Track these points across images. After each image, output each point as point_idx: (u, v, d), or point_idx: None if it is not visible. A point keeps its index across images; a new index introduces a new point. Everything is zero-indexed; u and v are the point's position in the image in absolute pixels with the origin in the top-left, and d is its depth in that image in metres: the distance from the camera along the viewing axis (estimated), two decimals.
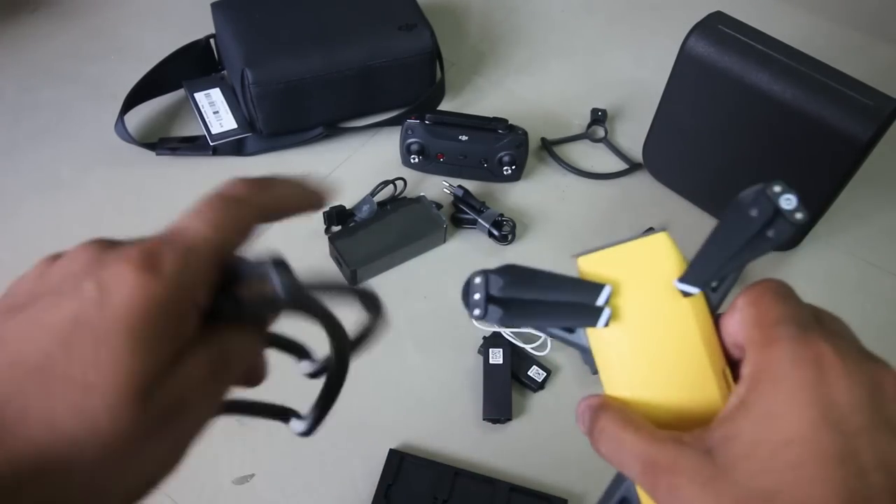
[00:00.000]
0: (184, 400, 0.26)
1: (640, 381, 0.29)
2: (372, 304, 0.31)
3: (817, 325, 0.27)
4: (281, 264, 0.27)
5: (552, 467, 0.74)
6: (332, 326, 0.29)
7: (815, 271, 0.91)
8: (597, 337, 0.30)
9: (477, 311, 0.30)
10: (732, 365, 0.29)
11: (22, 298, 0.26)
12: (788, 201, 0.28)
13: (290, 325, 0.31)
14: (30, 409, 0.23)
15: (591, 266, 0.30)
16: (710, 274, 0.29)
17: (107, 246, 0.27)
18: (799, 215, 0.28)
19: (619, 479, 0.32)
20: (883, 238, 0.95)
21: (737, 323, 0.28)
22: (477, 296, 0.30)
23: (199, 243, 0.27)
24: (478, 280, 0.30)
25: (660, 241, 0.30)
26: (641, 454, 0.27)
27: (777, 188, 0.28)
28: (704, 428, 0.27)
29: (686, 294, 0.29)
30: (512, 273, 0.30)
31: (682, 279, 0.29)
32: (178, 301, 0.25)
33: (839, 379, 0.25)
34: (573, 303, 0.29)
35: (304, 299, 0.27)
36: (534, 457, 0.75)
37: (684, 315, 0.29)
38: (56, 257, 0.27)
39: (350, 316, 0.32)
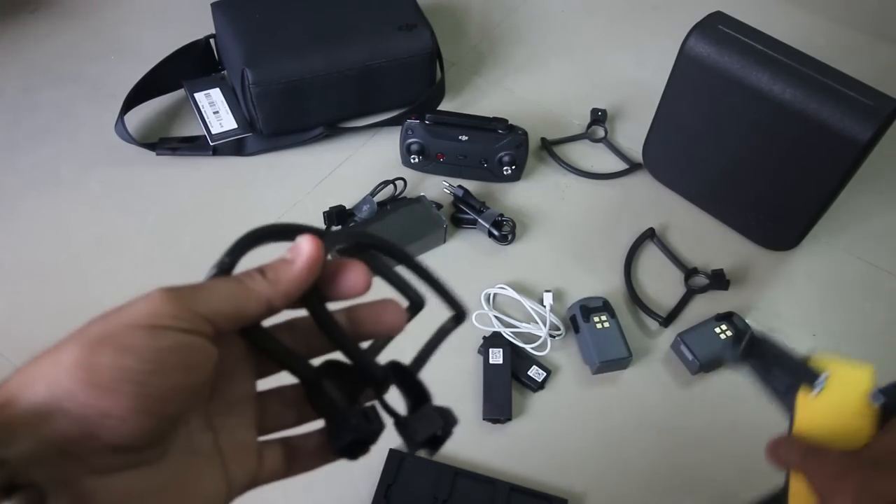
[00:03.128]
0: None
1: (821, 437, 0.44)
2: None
3: None
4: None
5: (552, 467, 0.73)
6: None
7: (815, 271, 0.91)
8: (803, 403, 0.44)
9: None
10: None
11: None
12: None
13: None
14: None
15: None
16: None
17: None
18: None
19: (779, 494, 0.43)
20: (883, 238, 0.95)
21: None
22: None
23: None
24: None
25: (866, 373, 0.44)
26: (837, 462, 0.41)
27: None
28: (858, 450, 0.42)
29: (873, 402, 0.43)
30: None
31: (875, 393, 0.43)
32: None
33: None
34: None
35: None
36: (534, 457, 0.75)
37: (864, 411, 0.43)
38: None
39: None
